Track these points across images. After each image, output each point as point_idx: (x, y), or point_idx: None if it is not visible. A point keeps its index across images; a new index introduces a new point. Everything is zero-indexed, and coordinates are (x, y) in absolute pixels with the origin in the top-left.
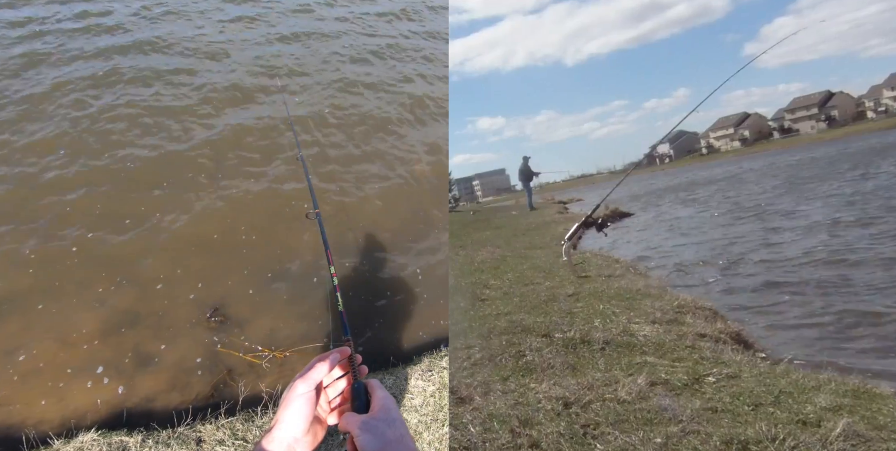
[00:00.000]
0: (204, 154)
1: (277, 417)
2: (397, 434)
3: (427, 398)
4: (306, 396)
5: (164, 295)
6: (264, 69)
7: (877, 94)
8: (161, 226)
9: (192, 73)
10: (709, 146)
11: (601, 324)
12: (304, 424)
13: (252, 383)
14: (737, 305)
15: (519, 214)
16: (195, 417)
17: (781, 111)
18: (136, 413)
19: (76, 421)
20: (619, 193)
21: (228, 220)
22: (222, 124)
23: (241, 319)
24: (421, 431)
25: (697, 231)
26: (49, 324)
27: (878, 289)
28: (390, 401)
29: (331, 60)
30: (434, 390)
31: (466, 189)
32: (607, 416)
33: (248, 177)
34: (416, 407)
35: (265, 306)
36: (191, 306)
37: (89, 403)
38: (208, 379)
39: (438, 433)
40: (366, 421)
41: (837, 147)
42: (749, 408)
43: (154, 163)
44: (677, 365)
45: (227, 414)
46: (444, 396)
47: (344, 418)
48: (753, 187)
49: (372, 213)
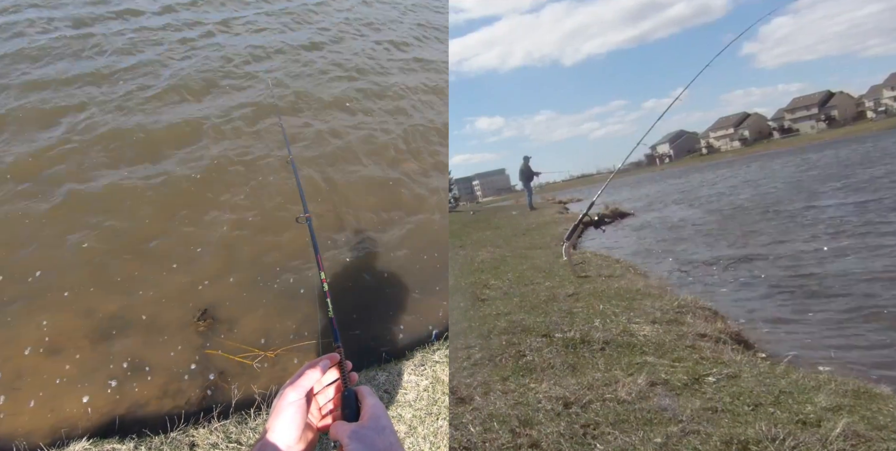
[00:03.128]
0: (192, 159)
1: (269, 424)
2: (386, 443)
3: (420, 393)
4: (297, 404)
5: (152, 300)
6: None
7: (877, 94)
8: (148, 231)
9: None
10: (709, 146)
11: (601, 324)
12: (296, 432)
13: (244, 384)
14: (737, 305)
15: (519, 214)
16: (188, 421)
17: (781, 111)
18: (127, 420)
19: (67, 430)
20: (622, 194)
21: (216, 223)
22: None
23: (231, 321)
24: (415, 425)
25: (697, 232)
26: (37, 332)
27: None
28: (380, 409)
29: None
30: (427, 384)
31: (466, 189)
32: (607, 416)
33: (237, 179)
34: (409, 402)
35: (255, 307)
36: (180, 310)
37: (80, 411)
38: (200, 382)
39: (433, 427)
40: (355, 430)
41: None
42: (749, 408)
43: (141, 171)
44: (677, 365)
45: (220, 417)
46: (437, 390)
47: (334, 426)
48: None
49: (362, 211)
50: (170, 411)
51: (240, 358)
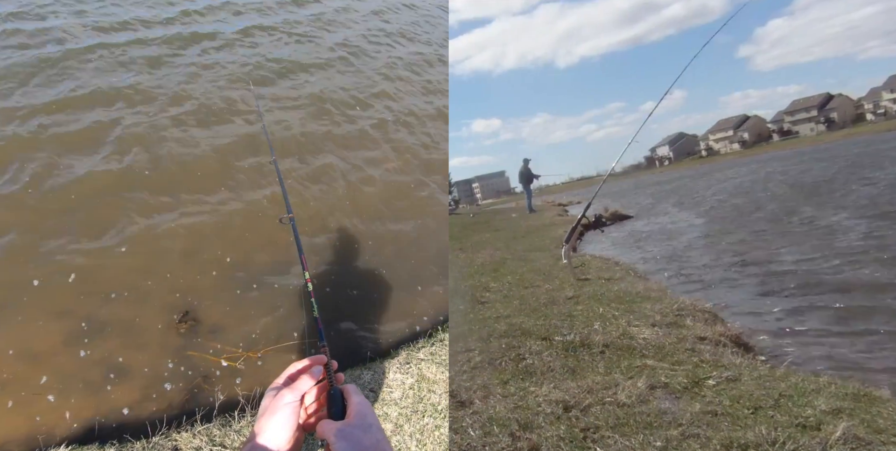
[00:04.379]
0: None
1: (259, 426)
2: (373, 440)
3: (406, 391)
4: (292, 405)
5: (130, 302)
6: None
7: (876, 96)
8: (127, 232)
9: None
10: (708, 148)
11: (601, 327)
12: (289, 433)
13: (228, 387)
14: (737, 308)
15: (518, 216)
16: (170, 425)
17: (781, 113)
18: (107, 425)
19: (44, 437)
20: (626, 195)
21: (197, 224)
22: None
23: (213, 322)
24: (402, 423)
25: (698, 233)
26: (9, 337)
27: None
28: (366, 407)
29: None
30: (413, 382)
31: (466, 191)
32: (607, 419)
33: (219, 179)
34: (395, 400)
35: (238, 308)
36: (159, 312)
37: (57, 418)
38: (182, 385)
39: (419, 425)
40: (341, 428)
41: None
42: (749, 411)
43: (118, 169)
44: (677, 368)
45: (203, 420)
46: (422, 388)
47: (320, 425)
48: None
49: (345, 212)
50: (151, 415)
51: (223, 359)
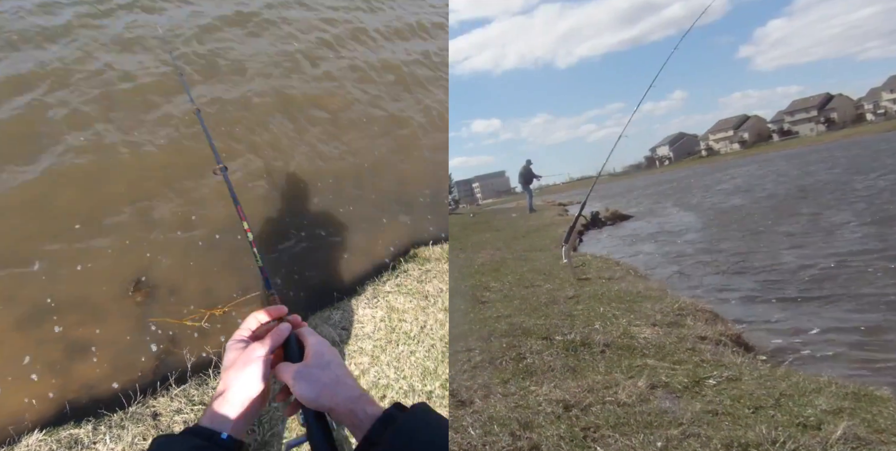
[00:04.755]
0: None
1: (229, 377)
2: (332, 376)
3: (377, 324)
4: (263, 358)
5: (80, 277)
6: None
7: (876, 96)
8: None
9: None
10: (708, 148)
11: (601, 326)
12: (261, 385)
13: (196, 347)
14: (737, 307)
15: (519, 216)
16: (145, 393)
17: (781, 113)
18: (79, 404)
19: (14, 426)
20: (626, 195)
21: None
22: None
23: (170, 285)
24: (377, 354)
25: (698, 232)
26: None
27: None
28: (323, 346)
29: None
30: (383, 315)
31: (466, 191)
32: (608, 419)
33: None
34: (368, 334)
35: (192, 268)
36: (111, 284)
37: (21, 403)
38: (149, 352)
39: (395, 353)
40: (299, 370)
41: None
42: (749, 411)
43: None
44: (678, 368)
45: (178, 383)
46: (393, 319)
47: (277, 368)
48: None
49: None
50: (124, 386)
51: (186, 321)
